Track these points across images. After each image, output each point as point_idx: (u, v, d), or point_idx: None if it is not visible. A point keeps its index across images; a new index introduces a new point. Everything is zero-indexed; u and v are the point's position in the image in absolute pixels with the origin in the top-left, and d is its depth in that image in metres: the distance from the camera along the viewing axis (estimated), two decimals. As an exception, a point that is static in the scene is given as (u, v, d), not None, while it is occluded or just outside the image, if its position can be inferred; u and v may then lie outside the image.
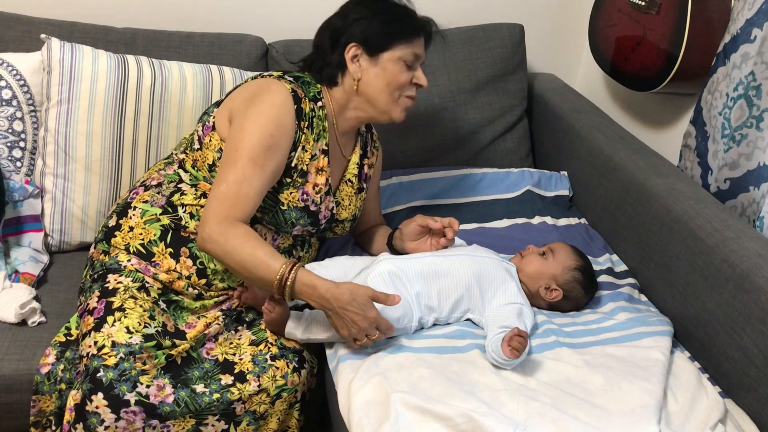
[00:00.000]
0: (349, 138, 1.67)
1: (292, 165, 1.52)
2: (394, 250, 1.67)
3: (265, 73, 1.61)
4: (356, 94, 1.56)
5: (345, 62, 1.54)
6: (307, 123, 1.53)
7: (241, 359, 1.45)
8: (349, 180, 1.68)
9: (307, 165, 1.54)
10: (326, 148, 1.58)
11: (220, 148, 1.52)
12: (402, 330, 1.48)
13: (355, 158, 1.69)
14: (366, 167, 1.72)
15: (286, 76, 1.56)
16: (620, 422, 1.27)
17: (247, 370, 1.43)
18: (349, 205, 1.67)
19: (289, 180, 1.52)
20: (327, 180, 1.58)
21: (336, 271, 1.52)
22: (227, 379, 1.41)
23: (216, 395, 1.38)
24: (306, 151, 1.53)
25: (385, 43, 1.53)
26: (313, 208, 1.57)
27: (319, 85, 1.59)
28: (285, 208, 1.53)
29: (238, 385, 1.41)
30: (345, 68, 1.55)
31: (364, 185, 1.72)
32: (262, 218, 1.54)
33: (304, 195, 1.55)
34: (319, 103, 1.56)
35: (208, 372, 1.42)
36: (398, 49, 1.53)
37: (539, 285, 1.61)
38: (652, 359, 1.44)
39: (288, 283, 1.36)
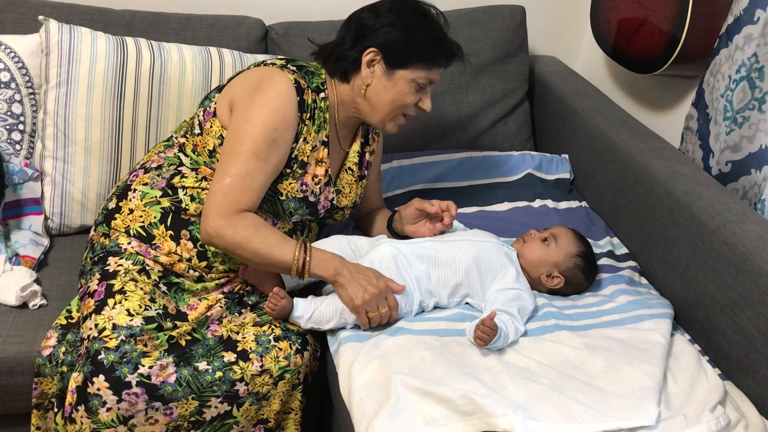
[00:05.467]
0: (348, 131, 1.66)
1: (293, 156, 1.51)
2: (394, 233, 1.67)
3: (268, 61, 1.59)
4: (362, 98, 1.54)
5: (361, 62, 1.51)
6: (309, 114, 1.51)
7: (244, 338, 1.46)
8: (350, 168, 1.67)
9: (307, 156, 1.53)
10: (326, 139, 1.57)
11: (221, 135, 1.52)
12: (403, 313, 1.49)
13: (355, 147, 1.68)
14: (368, 154, 1.71)
15: (289, 65, 1.54)
16: (620, 404, 1.27)
17: (250, 349, 1.44)
18: (350, 192, 1.67)
19: (288, 171, 1.52)
20: (326, 171, 1.57)
21: (333, 250, 1.52)
22: (230, 357, 1.41)
23: (218, 373, 1.38)
24: (307, 142, 1.53)
25: (404, 61, 1.50)
26: (312, 198, 1.56)
27: (323, 75, 1.57)
28: (284, 198, 1.53)
29: (241, 363, 1.41)
30: (359, 68, 1.52)
31: (365, 173, 1.71)
32: (261, 206, 1.54)
33: (303, 186, 1.54)
34: (322, 95, 1.55)
35: (211, 349, 1.42)
36: (415, 70, 1.50)
37: (541, 272, 1.61)
38: (652, 342, 1.44)
39: (307, 260, 1.41)
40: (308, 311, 1.47)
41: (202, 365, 1.38)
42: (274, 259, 1.42)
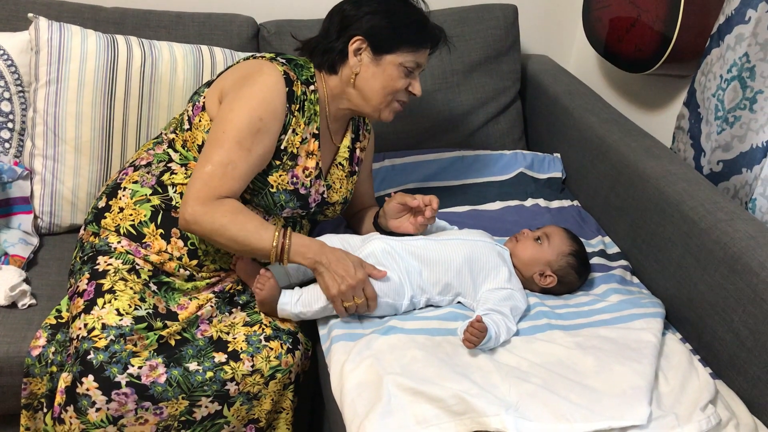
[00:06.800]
0: (340, 125, 1.66)
1: (282, 147, 1.51)
2: (380, 228, 1.67)
3: (258, 55, 1.59)
4: (352, 87, 1.55)
5: (347, 52, 1.52)
6: (298, 106, 1.51)
7: (234, 338, 1.45)
8: (340, 163, 1.67)
9: (297, 148, 1.53)
10: (317, 132, 1.57)
11: (210, 128, 1.51)
12: (393, 307, 1.49)
13: (346, 142, 1.68)
14: (358, 150, 1.71)
15: (278, 58, 1.55)
16: (612, 403, 1.27)
17: (241, 349, 1.43)
18: (340, 188, 1.67)
19: (278, 162, 1.51)
20: (317, 164, 1.57)
21: None
22: (220, 357, 1.41)
23: (209, 373, 1.38)
24: (296, 134, 1.52)
25: (390, 46, 1.51)
26: (302, 191, 1.56)
27: (312, 69, 1.58)
28: (274, 190, 1.52)
29: (232, 363, 1.41)
30: (346, 58, 1.53)
31: (356, 168, 1.71)
32: (251, 200, 1.53)
33: (294, 178, 1.54)
34: (312, 87, 1.55)
35: (202, 350, 1.42)
36: (402, 54, 1.51)
37: (534, 271, 1.60)
38: (643, 341, 1.44)
39: (286, 248, 1.41)
40: (296, 295, 1.48)
41: (192, 366, 1.38)
42: (252, 246, 1.42)
